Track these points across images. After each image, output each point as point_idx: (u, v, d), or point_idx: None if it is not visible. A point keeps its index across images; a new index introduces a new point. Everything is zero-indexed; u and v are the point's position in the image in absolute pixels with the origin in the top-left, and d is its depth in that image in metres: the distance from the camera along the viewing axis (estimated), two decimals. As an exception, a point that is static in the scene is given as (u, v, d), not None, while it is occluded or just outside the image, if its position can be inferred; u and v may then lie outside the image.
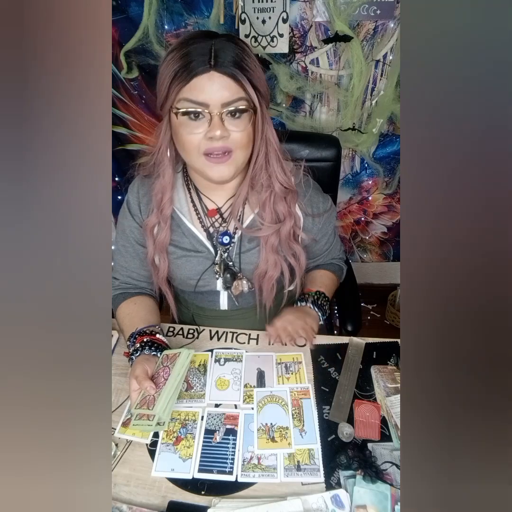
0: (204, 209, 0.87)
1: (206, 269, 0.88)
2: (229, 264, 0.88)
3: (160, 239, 0.85)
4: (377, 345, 0.90)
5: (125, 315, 0.89)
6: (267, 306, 0.91)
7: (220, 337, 0.93)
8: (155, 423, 0.68)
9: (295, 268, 0.88)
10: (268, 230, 0.83)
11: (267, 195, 0.81)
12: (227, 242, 0.86)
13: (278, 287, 0.90)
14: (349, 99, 1.54)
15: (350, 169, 1.76)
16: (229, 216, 0.86)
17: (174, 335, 0.94)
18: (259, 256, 0.86)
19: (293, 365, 0.86)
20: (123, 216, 0.91)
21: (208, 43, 0.66)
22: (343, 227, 1.92)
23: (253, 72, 0.68)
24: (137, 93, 1.60)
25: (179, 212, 0.86)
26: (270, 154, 0.77)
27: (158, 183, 0.81)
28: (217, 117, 0.68)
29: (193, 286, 0.90)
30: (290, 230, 0.84)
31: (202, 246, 0.88)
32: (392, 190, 1.80)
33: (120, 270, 0.93)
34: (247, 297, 0.93)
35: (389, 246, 1.99)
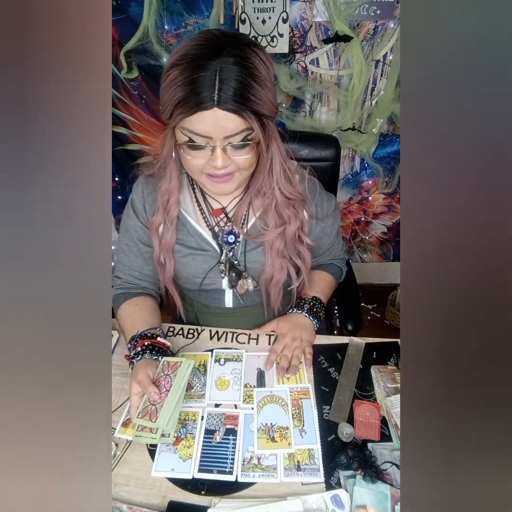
0: (209, 208, 0.87)
1: (211, 267, 0.89)
2: (234, 263, 0.88)
3: (166, 240, 0.85)
4: (377, 345, 0.90)
5: (127, 316, 0.89)
6: (275, 308, 0.93)
7: (220, 337, 0.93)
8: (159, 436, 0.68)
9: (301, 268, 0.88)
10: (271, 234, 0.83)
11: (269, 202, 0.81)
12: (232, 241, 0.87)
13: (285, 289, 0.91)
14: (349, 99, 1.54)
15: (350, 169, 1.76)
16: (234, 216, 0.86)
17: (174, 335, 0.94)
18: (264, 255, 0.87)
19: (293, 365, 0.86)
20: (127, 216, 0.91)
21: (212, 68, 0.62)
22: (343, 227, 1.92)
23: (260, 100, 0.65)
24: (137, 93, 1.60)
25: (185, 212, 0.87)
26: (274, 166, 0.77)
27: (164, 185, 0.81)
28: (220, 149, 0.68)
29: (199, 284, 0.90)
30: (295, 231, 0.84)
31: (207, 244, 0.88)
32: (392, 190, 1.80)
33: (122, 269, 0.93)
34: (252, 295, 0.94)
35: (389, 246, 1.99)
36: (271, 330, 0.93)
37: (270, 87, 0.68)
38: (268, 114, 0.68)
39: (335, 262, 1.04)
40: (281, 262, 0.85)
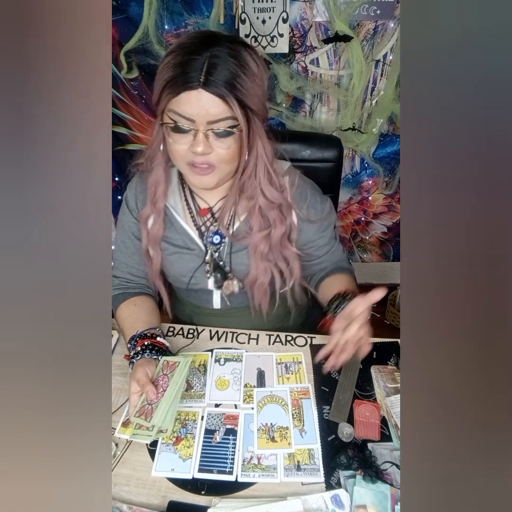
0: (197, 207, 0.88)
1: (198, 267, 0.89)
2: (219, 263, 0.88)
3: (153, 232, 0.86)
4: (377, 345, 0.90)
5: (126, 316, 0.88)
6: (263, 309, 0.91)
7: (220, 337, 0.93)
8: (154, 433, 0.68)
9: (285, 273, 0.87)
10: (255, 237, 0.83)
11: (253, 205, 0.81)
12: (217, 242, 0.87)
13: (272, 290, 0.90)
14: (349, 99, 1.54)
15: (350, 169, 1.76)
16: (219, 216, 0.86)
17: (174, 335, 0.94)
18: (250, 258, 0.86)
19: (293, 365, 0.86)
20: (122, 213, 0.93)
21: (204, 54, 0.64)
22: (343, 227, 1.92)
23: (246, 91, 0.67)
24: (137, 93, 1.60)
25: (173, 210, 0.87)
26: (258, 167, 0.76)
27: (152, 177, 0.82)
28: (202, 134, 0.68)
29: (186, 283, 0.91)
30: (281, 236, 0.83)
31: (193, 244, 0.88)
32: (392, 190, 1.80)
33: (120, 266, 0.94)
34: (239, 297, 0.93)
35: (389, 246, 1.99)
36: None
37: (260, 85, 0.69)
38: (254, 109, 0.69)
39: (342, 264, 1.02)
40: (265, 266, 0.85)
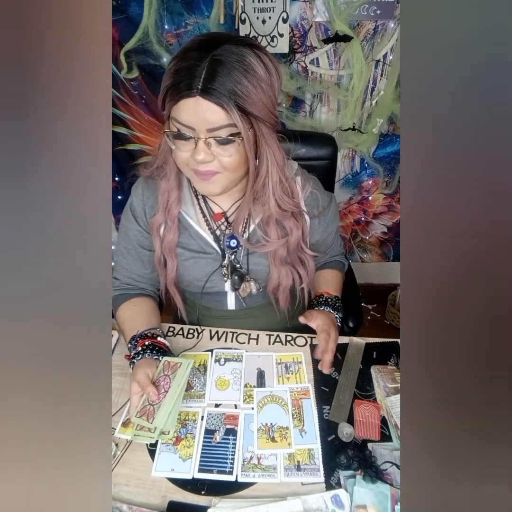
0: (210, 211, 0.87)
1: (214, 270, 0.88)
2: (236, 266, 0.88)
3: (168, 240, 0.85)
4: (377, 345, 0.90)
5: (126, 317, 0.88)
6: (286, 312, 0.95)
7: (220, 337, 0.93)
8: (157, 434, 0.68)
9: (302, 275, 0.89)
10: (272, 246, 0.83)
11: (268, 214, 0.81)
12: (234, 246, 0.87)
13: (292, 293, 0.92)
14: (349, 99, 1.54)
15: (350, 169, 1.76)
16: (234, 221, 0.86)
17: (174, 335, 0.94)
18: (267, 258, 0.87)
19: (293, 365, 0.86)
20: (126, 219, 0.90)
21: (204, 59, 0.62)
22: (343, 227, 1.92)
23: (249, 98, 0.64)
24: (137, 93, 1.60)
25: (186, 215, 0.86)
26: (270, 175, 0.75)
27: (164, 184, 0.81)
28: (202, 142, 0.67)
29: (201, 287, 0.90)
30: (298, 240, 0.85)
31: (210, 247, 0.88)
32: (392, 190, 1.80)
33: (121, 270, 0.93)
34: (254, 297, 0.94)
35: (389, 246, 1.99)
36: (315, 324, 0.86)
37: (266, 90, 0.66)
38: (258, 116, 0.66)
39: (337, 258, 1.05)
40: (286, 269, 0.86)
